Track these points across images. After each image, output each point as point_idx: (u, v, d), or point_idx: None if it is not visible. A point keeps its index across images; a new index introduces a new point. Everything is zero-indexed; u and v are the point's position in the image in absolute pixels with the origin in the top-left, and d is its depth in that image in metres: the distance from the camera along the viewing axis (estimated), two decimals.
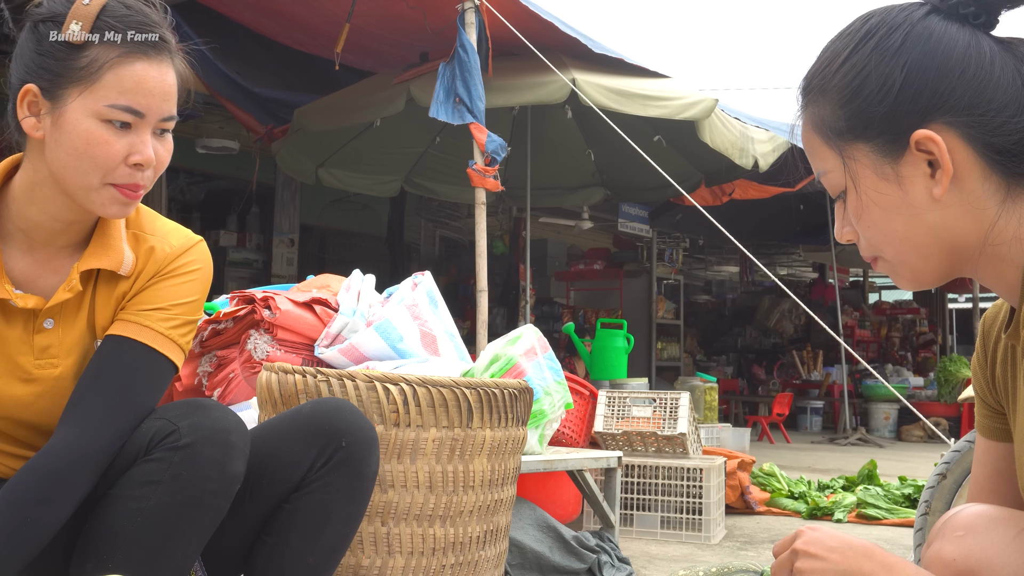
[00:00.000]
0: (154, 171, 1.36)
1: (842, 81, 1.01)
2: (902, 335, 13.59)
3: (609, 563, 2.98)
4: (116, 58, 1.29)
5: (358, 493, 1.47)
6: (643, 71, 6.14)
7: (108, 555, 1.28)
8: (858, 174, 1.01)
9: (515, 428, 2.16)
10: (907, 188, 0.99)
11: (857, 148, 1.01)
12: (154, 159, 1.33)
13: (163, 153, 1.36)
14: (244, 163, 8.07)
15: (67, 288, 1.39)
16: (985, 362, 1.12)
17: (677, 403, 4.12)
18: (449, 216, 11.20)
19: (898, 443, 9.99)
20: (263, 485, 1.44)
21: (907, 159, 0.99)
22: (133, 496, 1.29)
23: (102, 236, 1.42)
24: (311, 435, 1.44)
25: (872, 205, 1.01)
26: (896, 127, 0.98)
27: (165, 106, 1.34)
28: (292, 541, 1.44)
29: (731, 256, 14.66)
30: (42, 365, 1.40)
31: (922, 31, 0.98)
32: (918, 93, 0.97)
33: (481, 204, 4.92)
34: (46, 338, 1.40)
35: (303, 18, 6.01)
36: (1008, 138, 0.96)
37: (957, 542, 0.96)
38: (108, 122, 1.29)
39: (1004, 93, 0.96)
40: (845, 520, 4.52)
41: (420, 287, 2.87)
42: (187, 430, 1.30)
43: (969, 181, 0.98)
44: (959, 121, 0.96)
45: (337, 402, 1.51)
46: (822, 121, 1.04)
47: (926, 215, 0.99)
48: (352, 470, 1.44)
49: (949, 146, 0.97)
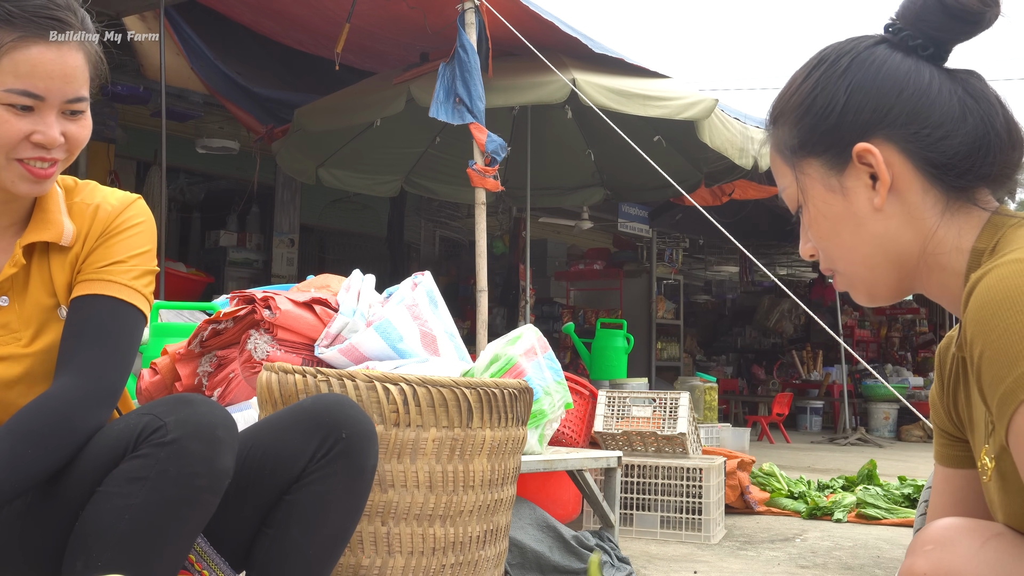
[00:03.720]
0: (67, 150, 1.39)
1: (795, 102, 1.11)
2: (902, 335, 13.60)
3: (609, 563, 2.98)
4: (11, 43, 1.32)
5: (357, 485, 1.48)
6: (643, 71, 6.15)
7: (97, 553, 1.28)
8: (808, 187, 1.11)
9: (515, 428, 2.16)
10: (851, 199, 1.07)
11: (808, 163, 1.10)
12: (59, 140, 1.36)
13: (76, 132, 1.39)
14: (244, 163, 8.07)
15: (12, 263, 1.43)
16: (942, 390, 1.16)
17: (677, 403, 4.13)
18: (449, 216, 11.20)
19: (898, 443, 10.00)
20: (264, 477, 1.45)
21: (850, 171, 1.07)
22: (121, 493, 1.28)
23: (40, 212, 1.47)
24: (311, 427, 1.46)
25: (821, 216, 1.10)
26: (840, 141, 1.07)
27: (68, 88, 1.36)
28: (293, 533, 1.45)
29: (731, 256, 14.67)
30: (6, 341, 1.43)
31: (867, 57, 1.08)
32: (859, 110, 1.06)
33: (481, 204, 4.92)
34: (3, 315, 1.44)
35: (303, 18, 6.01)
36: (943, 154, 1.04)
37: (927, 556, 1.00)
38: (8, 106, 1.33)
39: (940, 113, 1.04)
40: (845, 520, 4.53)
41: (420, 287, 2.87)
42: (174, 426, 1.30)
43: (910, 194, 1.05)
44: (898, 135, 1.05)
45: (337, 396, 1.53)
46: (781, 141, 1.13)
47: (869, 225, 1.07)
48: (352, 462, 1.46)
49: (888, 159, 1.05)
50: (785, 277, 14.24)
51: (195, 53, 6.35)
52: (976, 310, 0.91)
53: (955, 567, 0.96)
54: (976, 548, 0.96)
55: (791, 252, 13.91)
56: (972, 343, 0.92)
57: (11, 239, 1.47)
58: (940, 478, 1.20)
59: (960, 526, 1.00)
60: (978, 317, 0.91)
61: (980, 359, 0.91)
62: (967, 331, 0.94)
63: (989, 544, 0.96)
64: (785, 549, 3.79)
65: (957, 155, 1.03)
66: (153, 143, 6.93)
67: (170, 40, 6.02)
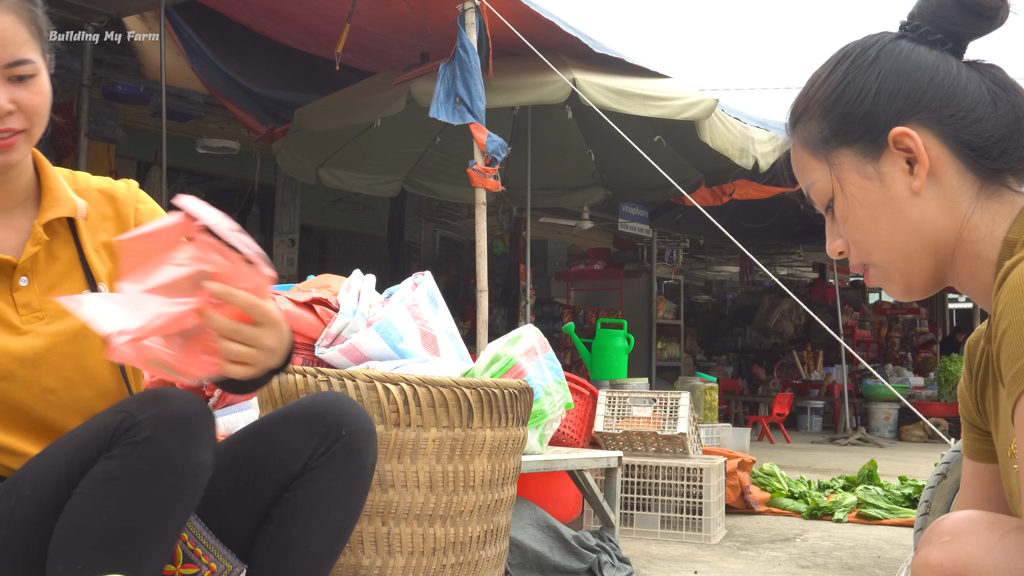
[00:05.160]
0: (27, 119, 1.36)
1: (823, 95, 1.12)
2: (902, 335, 13.59)
3: (609, 563, 2.98)
4: None
5: (357, 482, 1.49)
6: (643, 71, 6.15)
7: (78, 556, 1.26)
8: (843, 177, 1.10)
9: (515, 428, 2.16)
10: (888, 185, 1.08)
11: (841, 153, 1.10)
12: (8, 106, 1.33)
13: (27, 98, 1.35)
14: (244, 163, 8.07)
15: (33, 242, 1.43)
16: (971, 384, 1.16)
17: (677, 403, 4.13)
18: (449, 216, 11.20)
19: (898, 443, 9.99)
20: (265, 475, 1.45)
21: (886, 157, 1.08)
22: (96, 495, 1.26)
23: (47, 190, 1.47)
24: (311, 424, 1.46)
25: (857, 206, 1.10)
26: (874, 128, 1.08)
27: (3, 51, 1.32)
28: (292, 531, 1.45)
29: (731, 256, 14.67)
30: (28, 320, 1.42)
31: (893, 48, 1.10)
32: (893, 96, 1.07)
33: (481, 204, 4.92)
34: (23, 295, 1.43)
35: (303, 18, 6.01)
36: (980, 135, 1.05)
37: (943, 547, 0.97)
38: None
39: (972, 98, 1.06)
40: (845, 520, 4.53)
41: (420, 287, 2.87)
42: (147, 423, 1.27)
43: (946, 177, 1.06)
44: (932, 119, 1.06)
45: (336, 394, 1.53)
46: (809, 135, 1.13)
47: (908, 210, 1.07)
48: (351, 459, 1.47)
49: (925, 143, 1.06)
50: (785, 277, 14.23)
51: (195, 53, 6.34)
52: (1008, 292, 0.93)
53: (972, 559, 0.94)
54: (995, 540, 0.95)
55: (791, 252, 13.91)
56: (1000, 321, 0.94)
57: (21, 218, 1.47)
58: (969, 472, 1.20)
59: (978, 518, 0.98)
60: (1010, 299, 0.93)
61: (1003, 336, 0.92)
62: (997, 307, 0.95)
63: (1008, 537, 0.94)
64: (785, 549, 3.79)
65: (992, 138, 1.05)
66: (153, 143, 6.93)
67: (170, 40, 6.02)
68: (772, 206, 9.35)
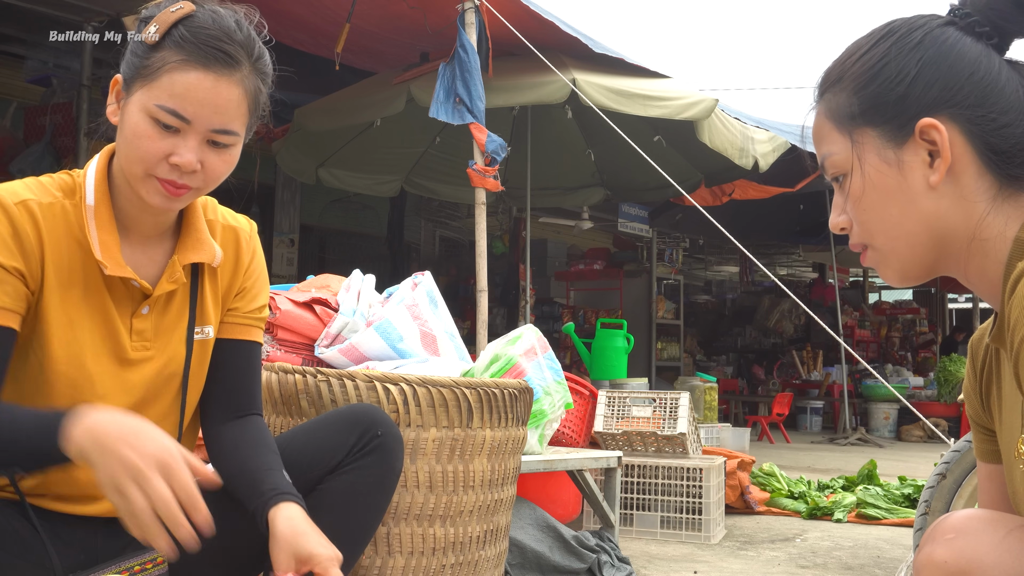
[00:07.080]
0: (204, 179, 1.41)
1: (860, 69, 1.09)
2: (902, 335, 13.59)
3: (609, 563, 2.98)
4: (175, 63, 1.36)
5: (386, 482, 1.61)
6: (643, 71, 6.15)
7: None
8: (863, 157, 1.09)
9: (515, 428, 2.16)
10: (906, 173, 1.06)
11: (865, 132, 1.08)
12: (195, 165, 1.38)
13: (215, 163, 1.41)
14: (244, 163, 7.94)
15: (171, 279, 1.49)
16: (976, 382, 1.16)
17: (677, 403, 4.13)
18: (449, 216, 11.20)
19: (898, 443, 9.99)
20: (303, 471, 1.55)
21: (909, 146, 1.06)
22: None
23: (190, 229, 1.53)
24: (351, 425, 1.60)
25: (871, 187, 1.08)
26: (904, 114, 1.06)
27: (216, 118, 1.38)
28: (322, 519, 1.50)
29: (731, 256, 14.67)
30: (136, 348, 1.49)
31: (939, 35, 1.07)
32: (929, 85, 1.05)
33: (481, 204, 4.92)
34: (141, 322, 1.49)
35: (303, 18, 6.01)
36: (1006, 140, 1.03)
37: (948, 544, 0.97)
38: (155, 121, 1.36)
39: (1007, 100, 1.04)
40: (845, 520, 4.53)
41: (420, 287, 2.87)
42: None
43: (965, 176, 1.05)
44: (963, 116, 1.04)
45: (372, 404, 1.69)
46: (836, 107, 1.11)
47: (921, 202, 1.06)
48: (384, 459, 1.60)
49: (950, 138, 1.04)
50: (785, 277, 14.25)
51: None
52: (1022, 298, 0.92)
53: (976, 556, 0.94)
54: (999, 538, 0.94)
55: (791, 252, 13.92)
56: (1015, 327, 0.92)
57: (157, 249, 1.52)
58: (984, 475, 1.19)
59: (982, 516, 0.98)
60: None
61: (1021, 345, 0.91)
62: (1012, 315, 0.94)
63: (1013, 535, 0.94)
64: (785, 549, 3.79)
65: (1018, 145, 1.03)
66: None
67: None
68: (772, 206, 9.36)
